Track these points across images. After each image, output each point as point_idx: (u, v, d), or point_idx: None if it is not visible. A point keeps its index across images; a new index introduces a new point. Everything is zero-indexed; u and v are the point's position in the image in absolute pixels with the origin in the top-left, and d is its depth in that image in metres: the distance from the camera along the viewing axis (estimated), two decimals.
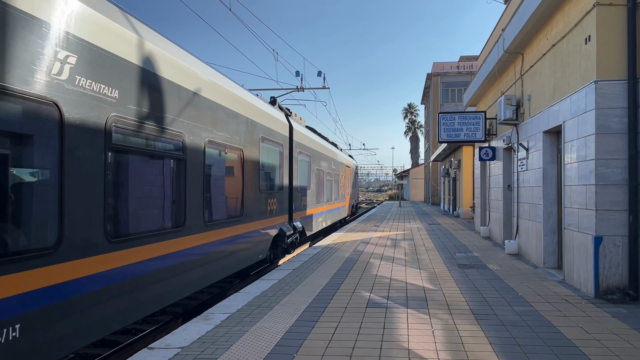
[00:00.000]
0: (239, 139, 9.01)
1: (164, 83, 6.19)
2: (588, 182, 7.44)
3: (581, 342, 5.15)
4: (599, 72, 7.23)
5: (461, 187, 26.14)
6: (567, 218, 8.36)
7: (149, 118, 5.80)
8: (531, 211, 10.64)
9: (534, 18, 9.55)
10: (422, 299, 7.08)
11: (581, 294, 7.46)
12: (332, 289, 7.78)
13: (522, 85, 11.51)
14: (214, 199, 7.96)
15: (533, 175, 10.48)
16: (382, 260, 10.81)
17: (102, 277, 4.93)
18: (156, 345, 5.12)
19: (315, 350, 4.92)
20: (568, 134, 8.32)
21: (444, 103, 44.14)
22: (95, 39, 4.83)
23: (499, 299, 7.12)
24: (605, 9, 7.25)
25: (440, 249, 12.86)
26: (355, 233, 17.47)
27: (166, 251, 6.24)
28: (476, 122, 14.87)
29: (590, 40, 7.47)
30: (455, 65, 44.86)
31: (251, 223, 9.68)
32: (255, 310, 6.52)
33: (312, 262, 10.52)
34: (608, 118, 7.18)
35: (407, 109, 72.35)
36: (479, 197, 17.85)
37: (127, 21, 5.54)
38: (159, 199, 6.27)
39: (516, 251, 11.69)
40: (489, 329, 5.63)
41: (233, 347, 5.00)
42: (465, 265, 10.18)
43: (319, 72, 23.83)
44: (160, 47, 6.23)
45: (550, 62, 9.39)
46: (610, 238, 7.18)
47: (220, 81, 8.29)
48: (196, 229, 7.11)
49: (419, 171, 64.00)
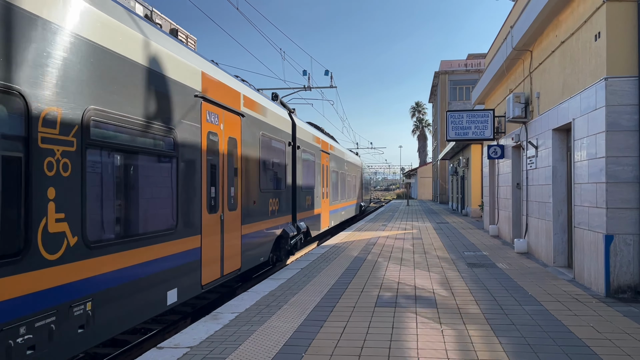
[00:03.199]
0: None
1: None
2: (598, 180, 7.37)
3: (592, 342, 5.10)
4: (609, 69, 7.15)
5: (469, 186, 26.02)
6: (577, 216, 8.28)
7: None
8: (540, 209, 10.56)
9: (542, 15, 9.47)
10: (431, 298, 7.05)
11: (592, 292, 7.39)
12: (340, 288, 7.76)
13: (531, 82, 11.43)
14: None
15: (542, 173, 10.40)
16: (391, 259, 10.78)
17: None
18: (165, 344, 5.14)
19: (324, 349, 4.91)
20: (578, 132, 8.24)
21: (452, 101, 43.95)
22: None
23: (508, 298, 7.07)
24: (615, 5, 7.17)
25: (449, 247, 12.80)
26: (364, 232, 17.44)
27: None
28: (484, 120, 14.79)
29: (600, 37, 7.39)
30: (463, 63, 44.67)
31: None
32: (264, 309, 6.52)
33: (320, 262, 10.51)
34: (618, 115, 7.11)
35: (414, 107, 72.09)
36: (487, 195, 17.75)
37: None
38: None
39: (526, 250, 11.61)
40: (499, 328, 5.59)
41: (242, 347, 5.00)
42: (474, 264, 10.13)
43: (326, 71, 23.81)
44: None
45: (560, 59, 9.31)
46: (621, 236, 7.10)
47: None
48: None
49: (427, 170, 63.80)
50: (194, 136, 6.90)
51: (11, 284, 3.78)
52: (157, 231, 5.90)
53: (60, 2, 4.39)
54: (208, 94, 7.41)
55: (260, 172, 9.89)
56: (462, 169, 29.14)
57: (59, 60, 4.31)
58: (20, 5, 3.95)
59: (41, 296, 4.05)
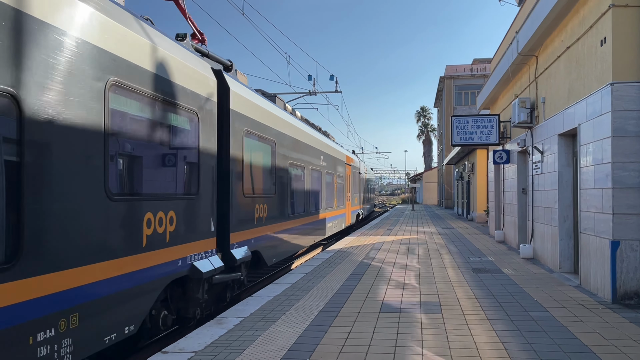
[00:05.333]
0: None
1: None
2: (604, 186, 7.33)
3: (598, 348, 5.06)
4: (615, 74, 7.13)
5: (475, 191, 25.95)
6: (583, 222, 8.24)
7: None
8: (546, 215, 10.52)
9: (548, 20, 9.47)
10: (436, 304, 7.02)
11: (598, 299, 7.34)
12: (345, 294, 7.75)
13: (537, 87, 11.40)
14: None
15: (548, 179, 10.36)
16: (395, 264, 10.76)
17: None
18: (170, 349, 5.15)
19: (328, 355, 4.90)
20: (584, 137, 8.21)
21: (457, 106, 43.90)
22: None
23: (514, 304, 7.04)
24: (621, 10, 7.16)
25: (454, 253, 12.76)
26: (368, 237, 17.42)
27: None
28: (490, 125, 14.77)
29: (605, 42, 7.38)
30: (468, 68, 44.62)
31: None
32: (269, 314, 6.52)
33: (324, 266, 10.50)
34: (625, 121, 7.08)
35: (420, 112, 72.15)
36: (493, 200, 17.69)
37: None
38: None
39: (531, 255, 11.56)
40: (505, 334, 5.56)
41: (246, 352, 5.01)
42: (479, 269, 10.09)
43: (331, 75, 23.85)
44: None
45: (565, 64, 9.30)
46: (627, 242, 7.06)
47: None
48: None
49: (432, 174, 63.71)
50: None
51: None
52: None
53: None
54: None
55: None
56: (467, 174, 29.07)
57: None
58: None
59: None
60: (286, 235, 11.51)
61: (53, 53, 4.30)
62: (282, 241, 11.18)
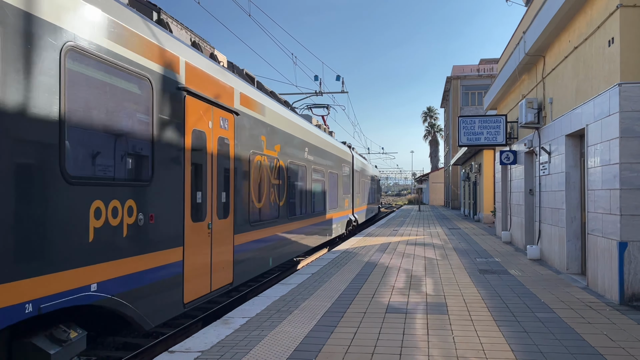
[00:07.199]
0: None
1: None
2: (612, 187, 7.30)
3: (606, 350, 5.04)
4: (622, 75, 7.10)
5: (482, 191, 25.85)
6: (590, 223, 8.20)
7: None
8: (554, 216, 10.47)
9: (555, 20, 9.43)
10: (442, 305, 7.02)
11: (605, 300, 7.31)
12: (351, 294, 7.76)
13: (544, 88, 11.36)
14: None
15: (555, 180, 10.32)
16: (402, 264, 10.75)
17: None
18: (176, 348, 5.18)
19: (334, 355, 4.91)
20: (591, 138, 8.18)
21: (464, 106, 43.77)
22: None
23: (520, 305, 7.02)
24: (629, 11, 7.12)
25: (461, 253, 12.73)
26: (375, 237, 17.41)
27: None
28: (497, 125, 14.72)
29: (613, 42, 7.34)
30: (475, 69, 44.47)
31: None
32: (275, 314, 6.54)
33: (330, 267, 10.51)
34: (633, 121, 7.04)
35: (426, 112, 71.89)
36: (499, 201, 17.63)
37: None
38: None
39: (538, 256, 11.51)
40: (511, 335, 5.55)
41: (252, 352, 5.03)
42: (486, 270, 10.06)
43: (338, 76, 23.93)
44: None
45: (573, 64, 9.26)
46: (635, 243, 7.02)
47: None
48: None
49: (439, 175, 63.52)
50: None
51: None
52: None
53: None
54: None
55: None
56: (474, 175, 28.97)
57: None
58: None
59: None
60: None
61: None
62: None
